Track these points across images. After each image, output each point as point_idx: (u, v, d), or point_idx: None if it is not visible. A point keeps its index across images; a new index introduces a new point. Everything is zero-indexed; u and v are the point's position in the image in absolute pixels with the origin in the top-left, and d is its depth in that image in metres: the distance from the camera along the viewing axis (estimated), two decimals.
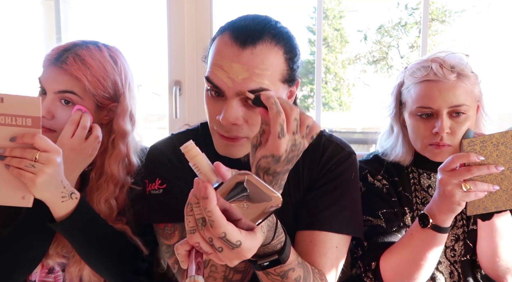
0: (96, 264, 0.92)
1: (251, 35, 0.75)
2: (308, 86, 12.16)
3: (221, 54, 0.77)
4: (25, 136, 0.76)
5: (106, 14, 8.15)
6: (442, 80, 0.95)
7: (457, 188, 0.79)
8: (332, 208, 0.85)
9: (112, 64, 0.97)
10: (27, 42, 2.08)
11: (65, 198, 0.83)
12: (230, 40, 0.76)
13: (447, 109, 0.96)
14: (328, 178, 0.88)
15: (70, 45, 0.94)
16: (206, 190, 0.49)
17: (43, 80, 0.93)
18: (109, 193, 0.96)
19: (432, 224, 0.85)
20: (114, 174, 0.97)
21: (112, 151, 0.98)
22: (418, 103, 0.98)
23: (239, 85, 0.75)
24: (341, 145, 0.93)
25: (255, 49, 0.75)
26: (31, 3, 1.94)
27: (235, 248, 0.51)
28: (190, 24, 1.58)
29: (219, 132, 0.80)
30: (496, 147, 0.78)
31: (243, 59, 0.74)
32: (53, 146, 0.78)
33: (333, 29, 12.81)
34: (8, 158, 0.76)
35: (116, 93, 0.98)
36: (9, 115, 0.76)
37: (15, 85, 1.85)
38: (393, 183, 1.07)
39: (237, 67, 0.74)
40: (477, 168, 0.78)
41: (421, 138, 1.00)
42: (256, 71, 0.75)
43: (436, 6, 10.81)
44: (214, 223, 0.49)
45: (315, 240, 0.83)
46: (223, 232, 0.49)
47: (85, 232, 0.87)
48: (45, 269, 0.98)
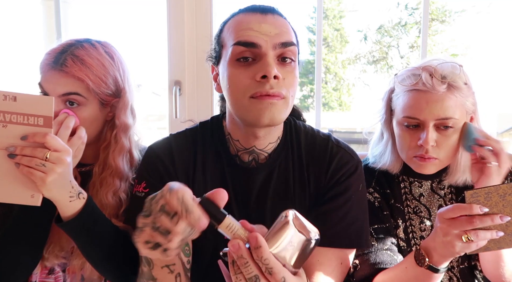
0: (99, 264, 0.92)
1: (266, 7, 0.82)
2: (308, 86, 12.16)
3: (246, 21, 0.80)
4: (36, 135, 0.76)
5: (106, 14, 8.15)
6: (430, 91, 0.90)
7: (457, 239, 0.73)
8: (341, 223, 0.83)
9: (110, 60, 0.97)
10: (27, 42, 2.08)
11: (73, 198, 0.83)
12: (248, 12, 0.81)
13: (434, 121, 0.91)
14: (336, 191, 0.86)
15: (65, 47, 0.94)
16: (257, 240, 0.51)
17: (45, 85, 0.92)
18: (116, 187, 0.97)
19: (428, 264, 0.80)
20: (119, 168, 0.98)
21: (116, 146, 0.99)
22: (404, 112, 0.94)
23: (274, 38, 0.78)
24: (349, 152, 0.90)
25: (274, 15, 0.81)
26: (31, 3, 1.94)
27: None
28: (190, 24, 1.58)
29: (261, 92, 0.76)
30: (503, 198, 0.71)
31: (268, 20, 0.79)
32: (64, 146, 0.79)
33: (333, 29, 12.82)
34: (18, 156, 0.76)
35: (117, 88, 0.99)
36: (21, 114, 0.76)
37: (15, 85, 1.86)
38: (385, 195, 1.03)
39: (266, 26, 0.78)
40: (480, 219, 0.71)
41: (406, 149, 0.97)
42: (283, 29, 0.80)
43: (436, 6, 10.82)
44: (273, 269, 0.51)
45: (322, 259, 0.82)
46: (282, 277, 0.51)
47: (91, 232, 0.87)
48: (46, 270, 0.98)
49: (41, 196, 0.79)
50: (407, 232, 1.02)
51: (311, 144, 0.90)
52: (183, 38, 1.56)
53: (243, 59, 0.78)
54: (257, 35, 0.77)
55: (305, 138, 0.91)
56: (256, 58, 0.78)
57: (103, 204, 0.95)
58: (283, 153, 0.89)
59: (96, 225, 0.88)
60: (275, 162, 0.88)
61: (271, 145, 0.88)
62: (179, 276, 0.72)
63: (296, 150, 0.90)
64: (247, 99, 0.78)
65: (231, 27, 0.82)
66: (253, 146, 0.87)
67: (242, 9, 0.83)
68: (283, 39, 0.78)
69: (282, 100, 0.78)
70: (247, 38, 0.77)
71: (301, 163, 0.89)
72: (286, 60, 0.79)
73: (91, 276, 0.97)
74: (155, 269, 0.68)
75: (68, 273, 0.98)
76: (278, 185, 0.88)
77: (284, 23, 0.82)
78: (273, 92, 0.76)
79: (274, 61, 0.78)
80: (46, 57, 0.93)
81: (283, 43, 0.78)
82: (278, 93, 0.77)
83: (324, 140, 0.91)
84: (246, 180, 0.87)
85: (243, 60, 0.78)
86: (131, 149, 1.01)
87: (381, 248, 0.96)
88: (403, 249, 1.01)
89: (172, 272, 0.70)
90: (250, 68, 0.78)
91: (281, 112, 0.78)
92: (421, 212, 1.03)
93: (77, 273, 0.97)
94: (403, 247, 1.01)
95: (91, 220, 0.87)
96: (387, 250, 0.96)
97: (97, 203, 0.92)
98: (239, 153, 0.89)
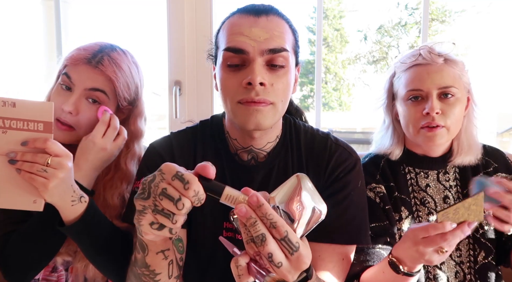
0: (102, 266, 0.92)
1: (261, 8, 0.80)
2: (308, 86, 12.17)
3: (237, 24, 0.79)
4: (37, 141, 0.76)
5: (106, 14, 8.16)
6: (430, 63, 0.98)
7: (433, 254, 0.78)
8: (341, 220, 0.83)
9: (136, 69, 1.01)
10: (27, 42, 2.08)
11: (74, 202, 0.83)
12: (243, 14, 0.80)
13: (437, 91, 0.97)
14: (335, 188, 0.87)
15: (102, 47, 0.97)
16: (258, 199, 0.54)
17: (74, 76, 0.93)
18: (123, 189, 0.99)
19: (403, 271, 0.83)
20: (130, 172, 1.00)
21: (128, 151, 1.01)
22: (408, 87, 1.00)
23: (262, 44, 0.77)
24: (348, 150, 0.91)
25: (269, 17, 0.79)
26: (31, 3, 1.94)
27: (295, 253, 0.55)
28: (190, 24, 1.58)
29: (247, 99, 0.77)
30: (468, 209, 0.78)
31: (260, 24, 0.78)
32: (64, 151, 0.79)
33: (333, 29, 12.82)
34: (19, 162, 0.76)
35: (136, 97, 1.02)
36: (21, 120, 0.75)
37: (15, 85, 1.86)
38: (389, 189, 1.05)
39: (257, 30, 0.77)
40: (451, 234, 0.76)
41: (412, 122, 1.00)
42: (275, 33, 0.78)
43: (436, 6, 10.82)
44: (276, 223, 0.54)
45: (323, 254, 0.83)
46: (285, 230, 0.54)
47: (93, 235, 0.88)
48: (49, 268, 0.98)
49: (43, 201, 0.79)
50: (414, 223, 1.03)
51: (311, 142, 0.91)
52: (183, 38, 1.56)
53: (233, 65, 0.79)
54: (246, 40, 0.77)
55: (304, 137, 0.92)
56: (245, 63, 0.78)
57: (108, 204, 0.96)
58: (282, 152, 0.89)
59: (99, 227, 0.88)
60: (274, 160, 0.88)
61: (270, 144, 0.88)
62: (171, 264, 0.72)
63: (295, 149, 0.90)
64: (235, 103, 0.79)
65: (225, 29, 0.82)
66: (251, 146, 0.87)
67: (239, 9, 0.83)
68: (271, 45, 0.77)
69: (269, 105, 0.78)
70: (236, 43, 0.77)
71: (301, 162, 0.89)
72: (275, 66, 0.78)
73: (94, 277, 0.97)
74: (150, 255, 0.68)
75: (71, 273, 0.98)
76: (278, 183, 0.87)
77: (279, 25, 0.80)
78: (258, 99, 0.77)
79: (263, 67, 0.77)
80: (81, 52, 0.94)
81: (271, 50, 0.77)
82: (264, 100, 0.77)
83: (323, 138, 0.91)
84: (245, 178, 0.87)
85: (232, 65, 0.79)
86: (141, 154, 1.04)
87: (373, 246, 0.97)
88: None
89: (166, 258, 0.70)
90: (239, 73, 0.78)
91: (267, 117, 0.79)
92: (429, 203, 1.04)
93: (80, 273, 0.97)
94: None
95: (93, 223, 0.87)
96: (379, 248, 0.98)
97: (101, 203, 0.93)
98: (238, 151, 0.89)
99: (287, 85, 0.81)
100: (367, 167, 1.07)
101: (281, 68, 0.79)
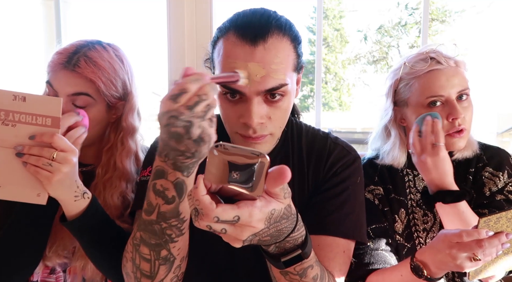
0: (102, 264, 0.92)
1: (258, 30, 0.72)
2: (308, 86, 12.18)
3: (232, 55, 0.73)
4: (44, 135, 0.77)
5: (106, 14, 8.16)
6: (446, 68, 0.98)
7: (466, 261, 0.77)
8: (338, 213, 0.83)
9: (120, 64, 0.98)
10: (27, 42, 2.08)
11: (78, 197, 0.84)
12: (238, 40, 0.73)
13: (456, 94, 0.97)
14: (334, 182, 0.87)
15: (78, 47, 0.94)
16: (197, 181, 0.51)
17: (55, 84, 0.92)
18: (122, 188, 0.98)
19: (426, 276, 0.82)
20: (127, 170, 0.99)
21: (122, 148, 1.00)
22: (427, 93, 0.98)
23: (259, 84, 0.72)
24: (347, 148, 0.91)
25: (267, 44, 0.72)
26: (31, 3, 1.94)
27: (236, 223, 0.51)
28: (190, 24, 1.58)
29: (244, 134, 0.77)
30: (509, 220, 0.77)
31: (257, 56, 0.71)
32: (70, 146, 0.80)
33: (333, 29, 12.84)
34: (26, 155, 0.78)
35: (125, 92, 1.00)
36: (30, 114, 0.77)
37: (15, 85, 1.86)
38: (386, 190, 1.05)
39: (253, 66, 0.71)
40: (488, 241, 0.75)
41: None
42: (273, 67, 0.72)
43: (436, 6, 10.84)
44: (203, 210, 0.50)
45: (322, 244, 0.82)
46: (214, 217, 0.50)
47: (95, 232, 0.88)
48: (47, 270, 0.98)
49: (47, 195, 0.80)
50: (409, 225, 1.03)
51: (311, 142, 0.91)
52: (183, 38, 1.56)
53: (229, 95, 0.76)
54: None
55: (305, 136, 0.92)
56: (242, 97, 0.75)
57: (107, 204, 0.96)
58: (283, 151, 0.90)
59: (100, 225, 0.88)
60: (274, 159, 0.89)
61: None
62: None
63: (296, 149, 0.91)
64: (233, 133, 0.79)
65: (219, 54, 0.76)
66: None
67: (236, 27, 0.75)
68: (268, 85, 0.72)
69: (268, 136, 0.78)
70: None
71: (302, 161, 0.89)
72: (274, 96, 0.75)
73: (92, 277, 0.97)
74: (185, 200, 0.67)
75: (69, 274, 0.98)
76: None
77: (278, 50, 0.73)
78: (256, 135, 0.76)
79: (261, 103, 0.75)
80: (58, 56, 0.92)
81: (268, 90, 0.73)
82: (262, 135, 0.77)
83: (323, 137, 0.92)
84: None
85: (229, 96, 0.76)
86: (137, 151, 1.02)
87: (376, 248, 0.97)
88: (400, 243, 1.02)
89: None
90: (236, 106, 0.76)
91: (265, 146, 0.80)
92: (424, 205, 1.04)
93: (78, 274, 0.97)
94: (399, 241, 1.02)
95: (95, 219, 0.87)
96: (382, 250, 0.97)
97: (101, 203, 0.93)
98: None
99: (287, 110, 0.79)
100: (365, 169, 1.06)
101: (281, 97, 0.76)
